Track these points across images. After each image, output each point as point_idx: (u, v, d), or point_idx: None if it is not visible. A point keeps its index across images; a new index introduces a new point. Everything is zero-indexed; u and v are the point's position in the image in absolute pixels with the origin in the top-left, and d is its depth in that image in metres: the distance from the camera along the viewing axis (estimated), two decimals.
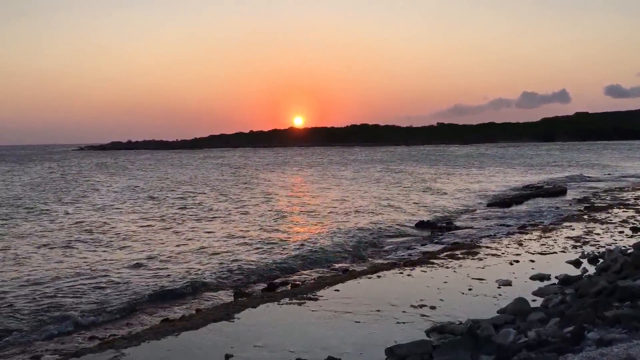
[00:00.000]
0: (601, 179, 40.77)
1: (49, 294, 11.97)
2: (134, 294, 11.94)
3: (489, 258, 13.30)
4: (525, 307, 8.49)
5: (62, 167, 74.20)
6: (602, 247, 14.15)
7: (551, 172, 48.79)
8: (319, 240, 17.97)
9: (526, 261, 12.78)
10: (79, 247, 17.28)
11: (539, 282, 10.79)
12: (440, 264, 12.79)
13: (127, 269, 14.29)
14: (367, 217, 23.01)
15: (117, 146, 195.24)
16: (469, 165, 61.73)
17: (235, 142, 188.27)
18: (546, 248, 14.34)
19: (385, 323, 8.48)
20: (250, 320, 8.98)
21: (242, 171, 60.46)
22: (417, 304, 9.38)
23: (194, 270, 14.09)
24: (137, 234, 19.65)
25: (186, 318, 9.59)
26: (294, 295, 10.34)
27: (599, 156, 77.49)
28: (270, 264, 14.71)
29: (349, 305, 9.56)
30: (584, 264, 12.25)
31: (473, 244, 15.64)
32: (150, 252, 16.43)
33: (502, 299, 9.54)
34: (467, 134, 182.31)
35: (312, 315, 9.11)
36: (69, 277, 13.46)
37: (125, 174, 58.32)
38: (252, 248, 16.89)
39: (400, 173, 51.61)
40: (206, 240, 18.30)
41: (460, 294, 10.11)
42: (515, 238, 16.12)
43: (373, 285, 11.16)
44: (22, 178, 52.50)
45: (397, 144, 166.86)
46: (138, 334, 8.84)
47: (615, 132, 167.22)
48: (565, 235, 16.18)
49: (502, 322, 7.78)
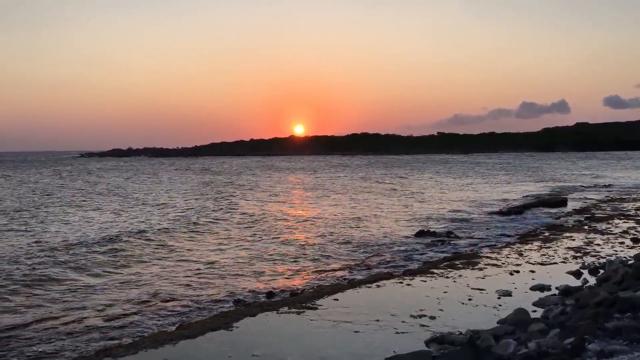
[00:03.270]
0: (601, 189, 40.72)
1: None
2: (127, 302, 11.90)
3: (489, 268, 13.25)
4: (526, 317, 8.46)
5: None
6: (602, 257, 14.11)
7: (551, 182, 48.76)
8: (318, 249, 17.93)
9: (526, 271, 12.73)
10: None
11: (540, 292, 10.74)
12: (440, 273, 12.74)
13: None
14: (366, 225, 22.97)
15: (117, 153, 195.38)
16: (470, 175, 61.71)
17: (235, 150, 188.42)
18: (546, 258, 14.30)
19: (385, 333, 8.43)
20: (249, 329, 8.93)
21: (240, 179, 60.48)
22: (416, 314, 9.33)
23: (191, 277, 14.06)
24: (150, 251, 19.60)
25: (185, 327, 9.54)
26: (293, 304, 10.30)
27: (600, 167, 77.46)
28: (269, 272, 14.67)
29: (348, 314, 9.52)
30: (584, 275, 12.21)
31: (473, 253, 15.60)
32: (147, 266, 16.39)
33: (502, 310, 9.50)
34: (467, 143, 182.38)
35: (311, 324, 9.07)
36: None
37: None
38: (250, 256, 16.84)
39: (400, 181, 51.57)
40: (203, 250, 18.25)
41: (460, 304, 10.06)
42: (516, 248, 16.08)
43: (372, 294, 11.11)
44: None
45: (398, 153, 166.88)
46: (136, 342, 8.79)
47: (616, 143, 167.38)
48: (566, 246, 16.14)
49: (502, 333, 7.74)
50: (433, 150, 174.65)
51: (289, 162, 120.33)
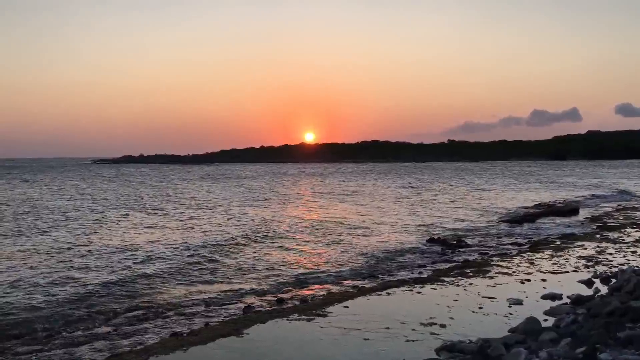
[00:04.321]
0: (614, 198, 40.42)
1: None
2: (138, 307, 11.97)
3: (499, 276, 13.20)
4: (537, 326, 8.42)
5: None
6: (614, 267, 14.01)
7: (563, 191, 48.45)
8: (328, 256, 17.93)
9: (537, 280, 12.67)
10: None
11: (551, 301, 10.69)
12: (451, 281, 12.71)
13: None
14: (377, 233, 22.94)
15: (129, 160, 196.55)
16: (480, 183, 61.47)
17: (246, 157, 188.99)
18: (558, 267, 14.22)
19: (395, 341, 8.42)
20: (259, 335, 8.96)
21: (255, 184, 60.59)
22: (427, 322, 9.31)
23: (203, 285, 14.12)
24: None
25: (195, 333, 9.58)
26: (302, 311, 10.32)
27: (612, 175, 76.83)
28: (279, 279, 14.70)
29: (358, 322, 9.52)
30: (596, 284, 12.13)
31: (484, 261, 15.53)
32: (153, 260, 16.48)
33: (513, 318, 9.46)
34: (477, 151, 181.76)
35: (321, 331, 9.08)
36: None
37: None
38: (260, 263, 16.87)
39: (410, 188, 51.48)
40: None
41: (471, 312, 10.03)
42: (527, 256, 15.99)
43: (383, 302, 11.10)
44: None
45: (408, 161, 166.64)
46: (147, 347, 8.84)
47: (628, 151, 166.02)
48: (578, 255, 16.04)
49: (513, 342, 7.70)
50: (443, 158, 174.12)
51: (303, 169, 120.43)
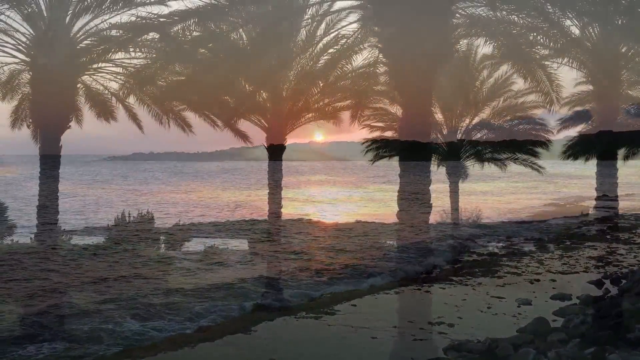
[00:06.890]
0: (625, 198, 40.11)
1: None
2: None
3: (508, 276, 13.15)
4: (546, 327, 8.38)
5: None
6: (625, 267, 13.91)
7: (573, 191, 48.14)
8: (336, 254, 17.91)
9: (547, 280, 12.60)
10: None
11: (560, 301, 10.62)
12: (459, 281, 12.67)
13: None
14: (386, 231, 22.92)
15: (140, 157, 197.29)
16: (489, 182, 61.14)
17: (256, 155, 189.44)
18: (567, 267, 14.14)
19: (402, 340, 8.43)
20: (267, 333, 8.99)
21: None
22: (434, 321, 9.29)
23: (211, 281, 14.14)
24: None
25: (203, 329, 9.61)
26: (310, 309, 10.34)
27: (623, 175, 76.14)
28: (286, 276, 14.70)
29: (365, 320, 9.52)
30: (606, 285, 12.03)
31: (493, 261, 15.47)
32: None
33: (521, 318, 9.41)
34: (487, 149, 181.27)
35: (328, 330, 9.09)
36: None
37: None
38: (269, 261, 16.89)
39: (419, 186, 51.20)
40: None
41: (479, 312, 10.00)
42: (536, 256, 15.91)
43: (390, 301, 11.11)
44: None
45: (418, 159, 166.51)
46: (155, 344, 8.88)
47: None
48: (588, 255, 15.94)
49: (522, 342, 7.67)
50: (452, 156, 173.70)
51: (315, 167, 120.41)
